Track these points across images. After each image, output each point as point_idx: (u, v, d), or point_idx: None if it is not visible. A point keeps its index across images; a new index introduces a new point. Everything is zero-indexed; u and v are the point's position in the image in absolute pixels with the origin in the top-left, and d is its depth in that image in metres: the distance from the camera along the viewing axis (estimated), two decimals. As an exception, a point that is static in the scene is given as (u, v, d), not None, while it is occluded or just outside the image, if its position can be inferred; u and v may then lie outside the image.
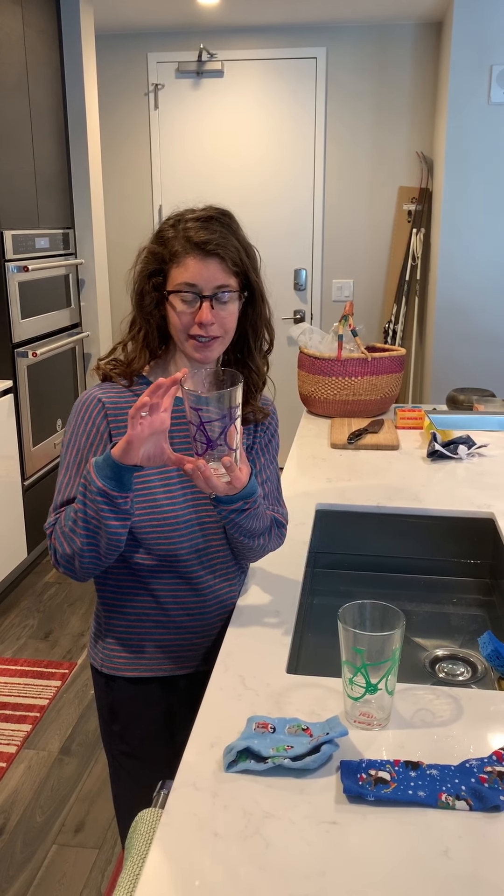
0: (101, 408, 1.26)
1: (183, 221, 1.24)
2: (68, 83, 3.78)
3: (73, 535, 1.17)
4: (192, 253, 1.21)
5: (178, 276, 1.23)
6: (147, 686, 1.35)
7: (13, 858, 1.99)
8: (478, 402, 2.66)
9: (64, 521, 1.20)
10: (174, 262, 1.23)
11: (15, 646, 2.98)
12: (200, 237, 1.21)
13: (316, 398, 2.51)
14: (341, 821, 0.85)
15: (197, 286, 1.22)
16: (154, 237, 1.27)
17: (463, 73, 3.82)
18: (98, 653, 1.38)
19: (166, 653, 1.34)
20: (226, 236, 1.23)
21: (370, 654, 0.98)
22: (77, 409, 1.28)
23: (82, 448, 1.26)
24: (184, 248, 1.22)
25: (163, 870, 0.79)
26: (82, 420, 1.26)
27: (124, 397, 1.28)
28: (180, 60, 4.49)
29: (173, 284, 1.23)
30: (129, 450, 1.09)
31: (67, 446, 1.27)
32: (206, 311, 1.22)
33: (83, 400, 1.28)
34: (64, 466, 1.27)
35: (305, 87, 4.47)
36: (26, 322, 3.40)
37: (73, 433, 1.27)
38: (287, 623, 1.27)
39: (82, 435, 1.26)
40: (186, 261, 1.22)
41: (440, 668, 1.42)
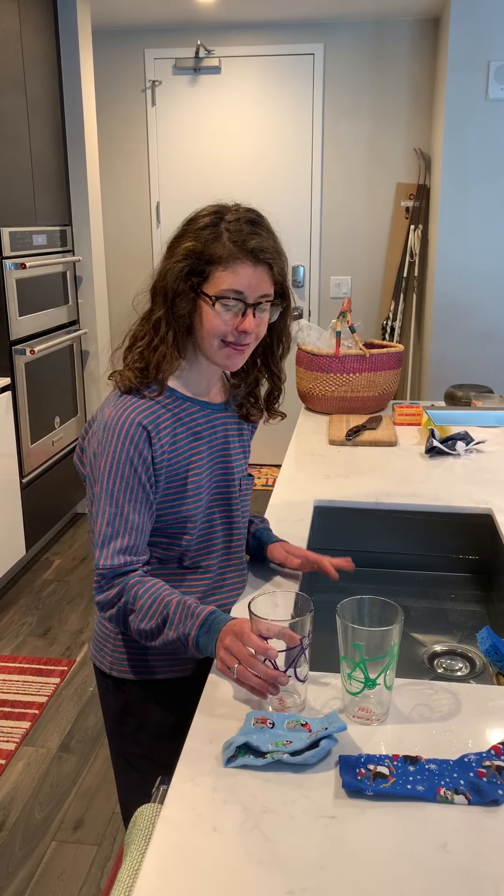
0: (145, 436, 1.18)
1: (225, 221, 1.19)
2: (65, 79, 3.77)
3: (140, 624, 1.16)
4: (243, 259, 1.17)
5: (224, 280, 1.17)
6: (159, 687, 1.34)
7: (12, 855, 2.00)
8: (476, 399, 2.66)
9: (136, 601, 1.16)
10: (221, 266, 1.17)
11: (14, 643, 2.98)
12: (255, 244, 1.17)
13: (314, 395, 2.51)
14: (340, 815, 0.86)
15: (244, 294, 1.18)
16: (190, 234, 1.20)
17: (461, 69, 3.82)
18: (105, 657, 1.35)
19: (176, 657, 1.31)
20: (273, 244, 1.21)
21: (369, 649, 0.98)
22: (117, 434, 1.18)
23: (129, 479, 1.18)
24: (233, 253, 1.17)
25: (162, 865, 0.80)
26: (123, 447, 1.18)
27: (158, 414, 1.21)
28: (177, 57, 4.49)
29: (218, 289, 1.18)
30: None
31: (111, 476, 1.18)
32: (250, 319, 1.19)
33: (123, 426, 1.18)
34: (109, 498, 1.19)
35: (303, 84, 4.47)
36: (24, 319, 3.40)
37: (115, 462, 1.18)
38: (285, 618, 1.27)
39: (126, 465, 1.18)
40: (236, 266, 1.17)
41: (438, 663, 1.42)
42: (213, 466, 1.30)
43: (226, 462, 1.33)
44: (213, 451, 1.30)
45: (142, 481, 1.19)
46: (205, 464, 1.28)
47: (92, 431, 1.25)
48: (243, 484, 1.38)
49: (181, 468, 1.24)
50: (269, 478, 4.83)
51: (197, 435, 1.27)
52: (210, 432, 1.30)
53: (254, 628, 1.03)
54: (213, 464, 1.30)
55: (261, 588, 1.39)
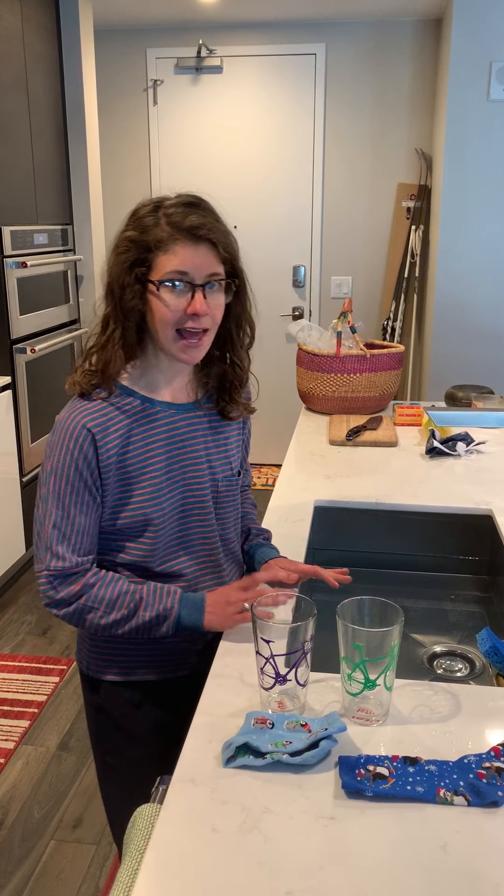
0: (89, 438, 1.17)
1: (163, 207, 1.16)
2: (67, 79, 3.77)
3: (105, 618, 1.18)
4: (181, 239, 1.13)
5: (167, 263, 1.14)
6: (133, 688, 1.33)
7: (11, 854, 2.00)
8: (476, 399, 2.66)
9: (96, 597, 1.18)
10: (161, 250, 1.14)
11: (13, 642, 2.98)
12: (191, 221, 1.13)
13: (314, 395, 2.51)
14: (339, 816, 0.86)
15: (189, 274, 1.14)
16: (130, 225, 1.18)
17: (462, 70, 3.82)
18: (84, 655, 1.36)
19: (152, 658, 1.31)
20: (215, 222, 1.17)
21: (369, 649, 0.98)
22: (62, 437, 1.18)
23: (74, 481, 1.17)
24: (171, 234, 1.13)
25: (161, 865, 0.80)
26: (66, 448, 1.17)
27: (108, 416, 1.20)
28: (179, 56, 4.48)
29: (161, 273, 1.14)
30: (217, 629, 1.20)
31: (56, 478, 1.18)
32: (199, 300, 1.14)
33: (68, 428, 1.18)
34: (56, 500, 1.18)
35: (305, 84, 4.46)
36: (24, 318, 3.40)
37: (60, 463, 1.18)
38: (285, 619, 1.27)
39: (70, 466, 1.17)
40: (175, 247, 1.13)
41: (438, 664, 1.42)
42: (174, 468, 1.25)
43: (193, 464, 1.27)
44: (173, 453, 1.25)
45: (87, 484, 1.18)
46: (163, 466, 1.23)
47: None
48: (222, 486, 1.32)
49: (135, 470, 1.21)
50: (269, 478, 4.83)
51: (154, 436, 1.23)
52: (169, 433, 1.25)
53: (258, 609, 1.05)
54: (176, 466, 1.25)
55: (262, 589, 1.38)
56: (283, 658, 1.01)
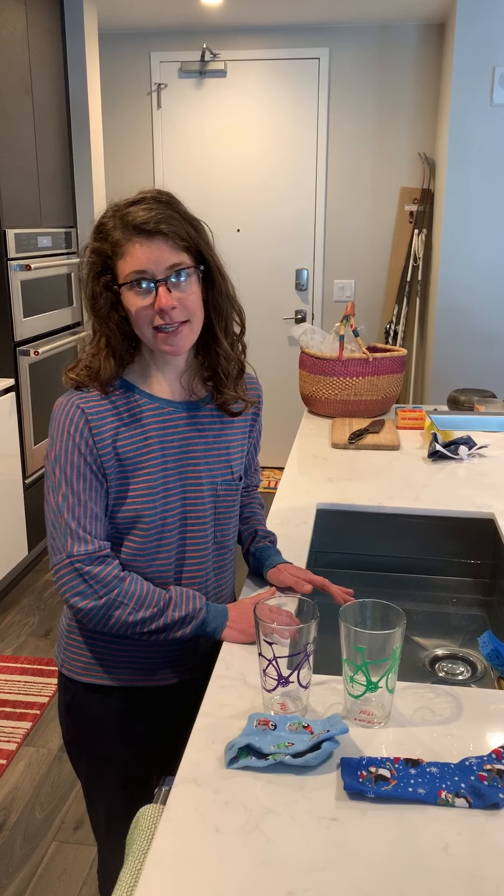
0: (84, 419, 1.17)
1: (119, 213, 1.16)
2: (71, 82, 3.78)
3: (133, 615, 1.17)
4: (133, 238, 1.13)
5: (125, 266, 1.14)
6: (102, 691, 1.31)
7: (13, 855, 2.00)
8: (478, 403, 2.67)
9: (127, 592, 1.17)
10: (118, 255, 1.14)
11: (15, 643, 2.98)
12: (139, 218, 1.12)
13: (317, 398, 2.52)
14: (341, 817, 0.86)
15: (147, 272, 1.13)
16: (93, 234, 1.18)
17: (465, 75, 3.83)
18: (60, 652, 1.36)
19: (132, 662, 1.29)
20: (165, 212, 1.14)
21: (371, 652, 0.99)
22: (59, 421, 1.19)
23: (77, 464, 1.17)
24: (124, 236, 1.13)
25: (164, 865, 0.80)
26: (67, 433, 1.17)
27: (102, 405, 1.20)
28: (183, 60, 4.50)
29: (122, 277, 1.14)
30: (233, 642, 1.21)
31: (60, 464, 1.17)
32: (163, 295, 1.13)
33: (63, 411, 1.18)
34: (65, 486, 1.17)
35: (308, 88, 4.48)
36: (28, 321, 3.40)
37: (63, 449, 1.17)
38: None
39: (73, 451, 1.17)
40: (130, 248, 1.13)
41: (440, 667, 1.43)
42: (170, 466, 1.23)
43: (191, 463, 1.25)
44: (167, 451, 1.23)
45: (92, 468, 1.17)
46: (158, 462, 1.22)
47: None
48: (221, 490, 1.29)
49: (129, 462, 1.20)
50: (271, 480, 4.83)
51: (149, 431, 1.22)
52: (162, 431, 1.23)
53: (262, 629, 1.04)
54: (172, 464, 1.23)
55: (263, 590, 1.39)
56: (286, 660, 1.02)
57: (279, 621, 1.07)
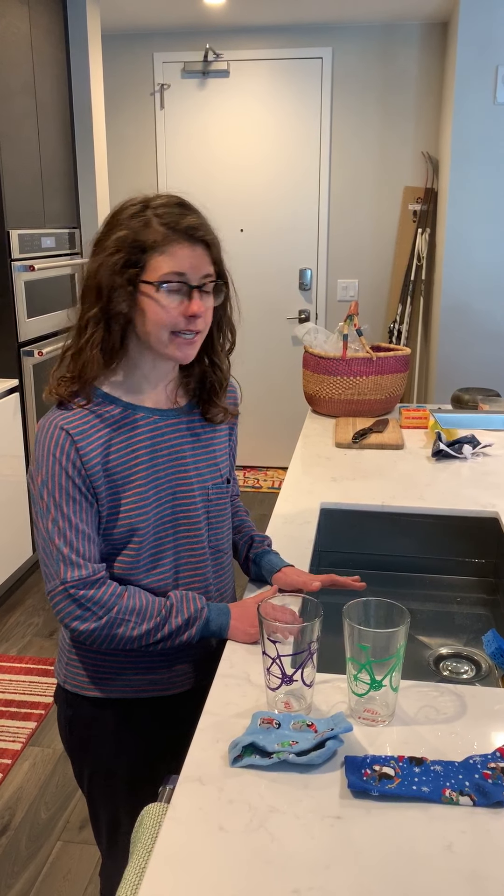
0: (69, 441, 1.13)
1: (151, 207, 1.13)
2: (74, 83, 3.79)
3: (136, 629, 1.16)
4: (178, 240, 1.11)
5: (163, 264, 1.11)
6: (106, 705, 1.29)
7: (18, 855, 2.00)
8: (482, 402, 2.66)
9: (127, 608, 1.15)
10: (157, 251, 1.11)
11: (20, 643, 2.99)
12: (189, 222, 1.12)
13: (321, 397, 2.52)
14: (346, 815, 0.86)
15: (185, 275, 1.12)
16: (117, 226, 1.14)
17: (469, 73, 3.82)
18: (62, 668, 1.32)
19: (136, 673, 1.27)
20: (208, 223, 1.16)
21: (375, 650, 0.99)
22: (43, 444, 1.15)
23: (66, 487, 1.13)
24: (168, 236, 1.11)
25: (168, 864, 0.80)
26: (53, 456, 1.13)
27: (88, 422, 1.16)
28: (186, 60, 4.50)
29: (157, 275, 1.11)
30: (239, 641, 1.21)
31: (48, 488, 1.14)
32: (197, 302, 1.13)
33: (47, 434, 1.14)
34: (54, 510, 1.14)
35: (311, 88, 4.48)
36: (32, 321, 3.41)
37: (49, 473, 1.14)
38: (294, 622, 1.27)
39: (60, 474, 1.13)
40: (174, 248, 1.11)
41: (444, 666, 1.43)
42: (160, 476, 1.21)
43: (179, 471, 1.24)
44: (158, 460, 1.21)
45: (81, 490, 1.14)
46: (149, 473, 1.20)
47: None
48: (213, 494, 1.29)
49: (120, 478, 1.17)
50: (275, 480, 4.83)
51: (137, 443, 1.20)
52: (153, 440, 1.21)
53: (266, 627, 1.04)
54: (162, 473, 1.22)
55: (264, 589, 1.39)
56: (290, 659, 1.02)
57: (282, 620, 1.07)
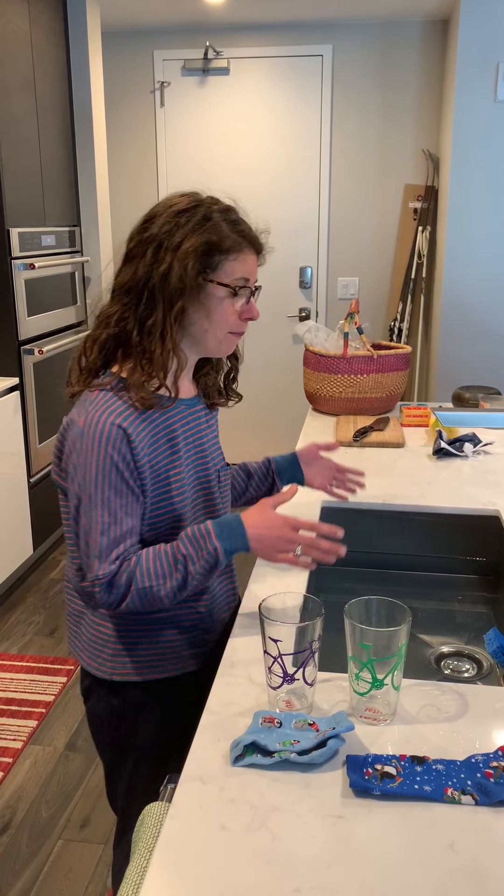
0: (122, 436, 1.16)
1: (216, 212, 1.20)
2: (74, 81, 3.78)
3: (163, 589, 1.17)
4: (248, 248, 1.22)
5: (236, 269, 1.21)
6: (156, 687, 1.33)
7: (19, 853, 2.01)
8: (483, 400, 2.66)
9: (145, 573, 1.17)
10: (231, 256, 1.20)
11: (21, 642, 2.99)
12: (255, 232, 1.23)
13: (321, 396, 2.52)
14: (347, 814, 0.86)
15: (249, 280, 1.23)
16: (189, 230, 1.17)
17: (469, 71, 3.82)
18: (104, 662, 1.32)
19: (177, 653, 1.33)
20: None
21: (376, 649, 0.98)
22: (96, 439, 1.15)
23: (117, 484, 1.16)
24: (242, 241, 1.21)
25: (170, 863, 0.80)
26: (105, 452, 1.15)
27: (136, 419, 1.19)
28: (186, 58, 4.50)
29: (231, 279, 1.20)
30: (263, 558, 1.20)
31: (100, 484, 1.15)
32: (255, 306, 1.25)
33: (101, 430, 1.15)
34: (103, 507, 1.16)
35: (311, 85, 4.47)
36: (32, 320, 3.41)
37: (101, 469, 1.15)
38: (293, 619, 1.27)
39: (112, 470, 1.15)
40: (245, 256, 1.21)
41: (445, 664, 1.42)
42: (192, 462, 1.29)
43: (202, 455, 1.33)
44: (189, 447, 1.29)
45: (129, 484, 1.17)
46: (184, 460, 1.27)
47: (70, 443, 1.19)
48: (221, 475, 1.38)
49: (163, 468, 1.22)
50: (275, 478, 4.82)
51: (174, 433, 1.25)
52: (185, 428, 1.29)
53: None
54: (193, 459, 1.30)
55: (268, 587, 1.39)
56: (291, 657, 1.02)
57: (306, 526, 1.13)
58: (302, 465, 1.54)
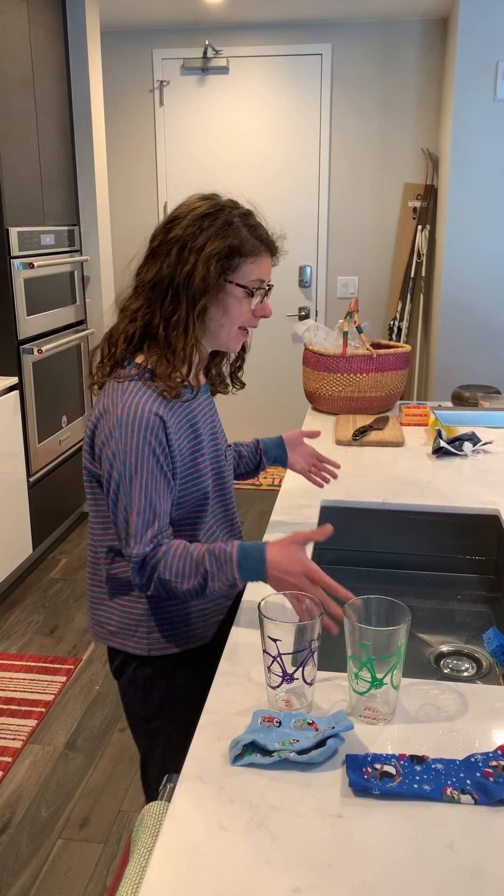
0: (160, 424, 1.24)
1: (237, 216, 1.29)
2: (74, 80, 3.78)
3: (183, 586, 1.23)
4: (265, 251, 1.31)
5: (254, 271, 1.29)
6: (185, 657, 1.42)
7: (19, 853, 2.00)
8: (483, 399, 2.66)
9: (167, 568, 1.23)
10: (249, 258, 1.29)
11: (20, 641, 2.99)
12: (272, 237, 1.33)
13: (321, 395, 2.52)
14: (347, 814, 0.86)
15: (264, 282, 1.33)
16: (212, 233, 1.26)
17: (469, 70, 3.82)
18: (140, 640, 1.39)
19: (206, 621, 1.42)
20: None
21: (376, 648, 0.98)
22: (134, 427, 1.23)
23: (153, 469, 1.24)
24: (259, 245, 1.30)
25: (169, 862, 0.80)
26: (145, 440, 1.23)
27: (170, 406, 1.28)
28: (185, 57, 4.49)
29: (248, 280, 1.29)
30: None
31: (139, 470, 1.23)
32: (268, 304, 1.35)
33: (140, 417, 1.23)
34: (140, 491, 1.24)
35: (311, 84, 4.47)
36: (31, 319, 3.41)
37: (139, 455, 1.23)
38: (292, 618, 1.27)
39: (149, 455, 1.24)
40: (261, 259, 1.31)
41: (445, 663, 1.42)
42: (210, 445, 1.40)
43: (215, 438, 1.43)
44: (207, 432, 1.39)
45: (163, 469, 1.26)
46: (205, 445, 1.37)
47: (106, 431, 1.25)
48: (227, 455, 1.50)
49: (188, 452, 1.32)
50: (275, 478, 4.83)
51: (195, 419, 1.35)
52: (202, 415, 1.39)
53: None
54: (210, 442, 1.40)
55: (269, 587, 1.39)
56: (290, 657, 1.02)
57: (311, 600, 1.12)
58: (287, 448, 1.66)
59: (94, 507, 1.36)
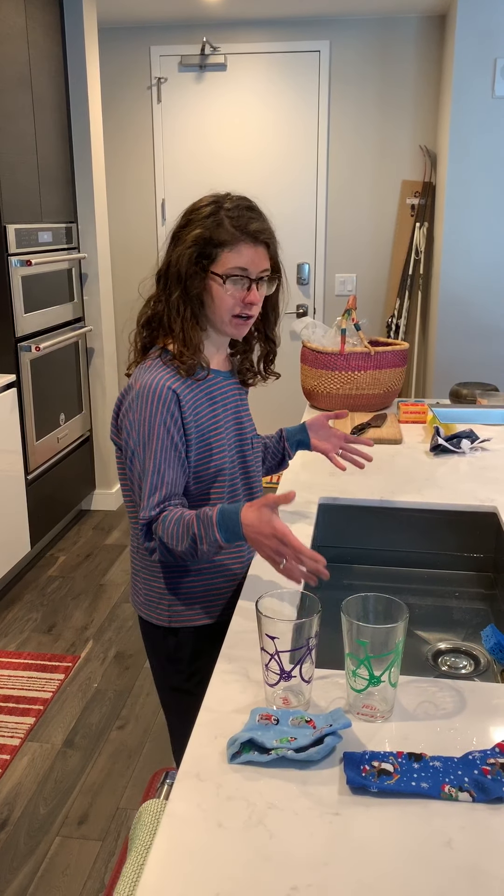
0: (174, 398, 1.34)
1: (224, 209, 1.35)
2: (71, 77, 3.77)
3: (178, 548, 1.31)
4: (245, 240, 1.34)
5: (231, 259, 1.34)
6: (204, 631, 1.49)
7: (17, 850, 2.01)
8: (481, 397, 2.66)
9: (165, 532, 1.31)
10: (226, 248, 1.34)
11: (18, 639, 2.99)
12: (255, 227, 1.35)
13: (319, 392, 2.51)
14: (344, 812, 0.86)
15: (248, 270, 1.36)
16: (195, 223, 1.35)
17: (467, 67, 3.81)
18: (162, 612, 1.49)
19: (224, 598, 1.49)
20: (270, 228, 1.39)
21: (373, 646, 0.98)
22: (151, 400, 1.34)
23: (163, 440, 1.34)
24: (238, 234, 1.34)
25: (167, 860, 0.80)
26: (160, 413, 1.33)
27: (186, 383, 1.38)
28: (183, 54, 4.48)
29: (225, 268, 1.35)
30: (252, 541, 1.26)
31: (151, 439, 1.34)
32: (254, 292, 1.37)
33: (156, 391, 1.34)
34: (151, 459, 1.34)
35: (309, 81, 4.46)
36: (29, 316, 3.40)
37: (151, 427, 1.34)
38: (290, 616, 1.27)
39: (161, 427, 1.34)
40: (240, 247, 1.34)
41: (443, 661, 1.42)
42: (230, 427, 1.47)
43: (238, 423, 1.51)
44: (227, 413, 1.47)
45: (174, 441, 1.35)
46: (223, 423, 1.45)
47: (127, 403, 1.38)
48: (255, 443, 1.56)
49: (205, 427, 1.40)
50: (274, 476, 4.83)
51: (214, 398, 1.44)
52: (223, 396, 1.47)
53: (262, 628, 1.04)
54: (231, 424, 1.48)
55: (266, 585, 1.39)
56: (288, 654, 1.02)
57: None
58: (309, 431, 1.70)
59: (125, 482, 1.45)
